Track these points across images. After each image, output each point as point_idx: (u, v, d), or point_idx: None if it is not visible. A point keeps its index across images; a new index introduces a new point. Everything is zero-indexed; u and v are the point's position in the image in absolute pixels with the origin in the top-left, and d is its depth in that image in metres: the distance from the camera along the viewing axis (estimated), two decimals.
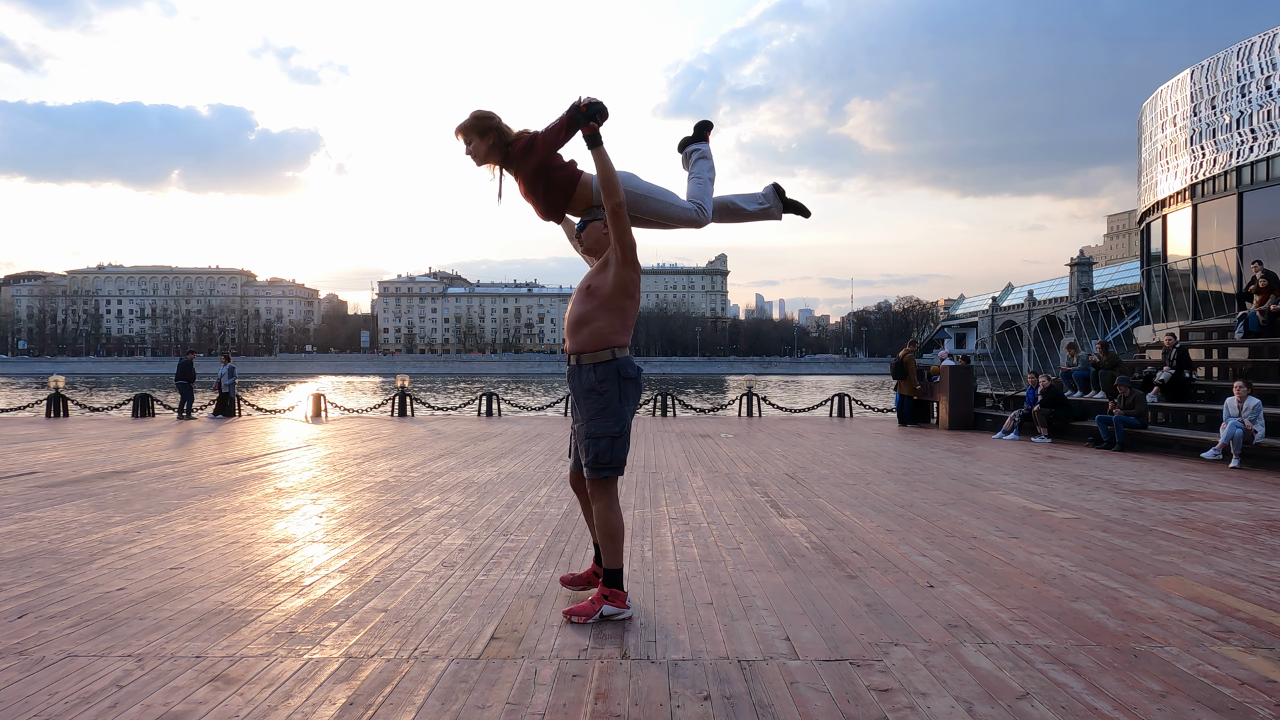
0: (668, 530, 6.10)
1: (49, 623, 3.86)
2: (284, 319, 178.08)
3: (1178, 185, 23.37)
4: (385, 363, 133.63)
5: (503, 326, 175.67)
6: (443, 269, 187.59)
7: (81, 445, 12.37)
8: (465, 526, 6.24)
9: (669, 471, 9.51)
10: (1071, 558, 5.29)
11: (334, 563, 5.08)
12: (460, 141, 3.97)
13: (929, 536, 5.95)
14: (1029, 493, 8.10)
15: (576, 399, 4.00)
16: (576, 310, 3.96)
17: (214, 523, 6.33)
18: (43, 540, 5.66)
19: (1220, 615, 4.08)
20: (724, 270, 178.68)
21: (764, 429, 16.33)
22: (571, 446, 4.20)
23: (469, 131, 3.94)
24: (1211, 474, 9.72)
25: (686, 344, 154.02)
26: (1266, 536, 6.07)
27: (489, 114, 3.97)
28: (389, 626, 3.84)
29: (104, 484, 8.36)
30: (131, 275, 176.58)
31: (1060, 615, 4.06)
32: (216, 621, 3.89)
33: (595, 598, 3.97)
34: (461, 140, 3.96)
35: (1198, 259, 22.24)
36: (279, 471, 9.47)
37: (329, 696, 3.04)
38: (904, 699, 3.04)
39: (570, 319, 4.00)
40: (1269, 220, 19.68)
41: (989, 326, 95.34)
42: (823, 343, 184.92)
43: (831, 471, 9.63)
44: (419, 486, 8.30)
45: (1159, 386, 13.73)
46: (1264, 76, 20.34)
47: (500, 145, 3.96)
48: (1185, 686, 3.17)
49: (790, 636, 3.71)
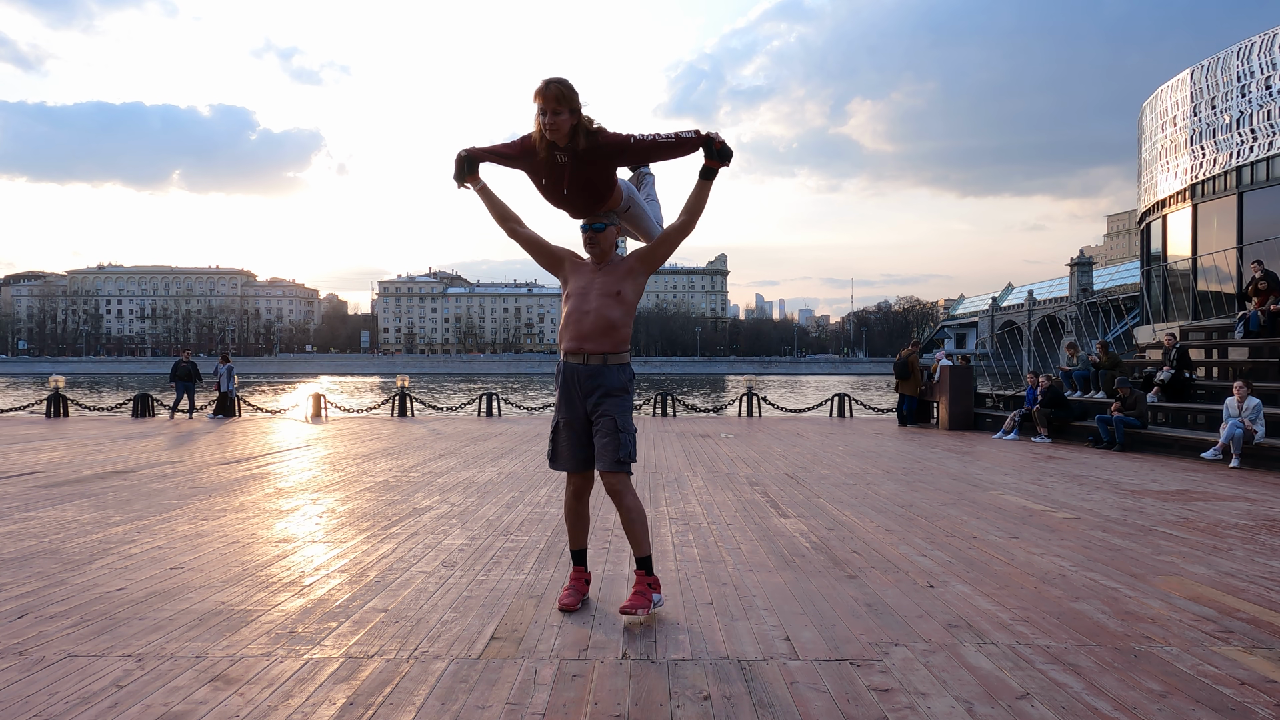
0: (668, 530, 6.10)
1: (49, 623, 3.86)
2: (284, 319, 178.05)
3: (1178, 185, 23.36)
4: (385, 363, 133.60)
5: (503, 326, 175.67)
6: (443, 269, 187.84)
7: (81, 445, 12.37)
8: (465, 526, 6.24)
9: (669, 471, 9.51)
10: (1071, 558, 5.29)
11: (334, 563, 5.08)
12: (542, 106, 3.63)
13: (929, 536, 5.95)
14: (1029, 493, 8.10)
15: (596, 398, 3.93)
16: (606, 314, 3.92)
17: (214, 523, 6.33)
18: (43, 540, 5.66)
19: (1220, 615, 4.08)
20: (724, 270, 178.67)
21: (764, 429, 16.33)
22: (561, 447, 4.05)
23: (562, 101, 3.63)
24: (1211, 474, 9.72)
25: (686, 344, 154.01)
26: (1266, 536, 6.07)
27: (577, 91, 3.68)
28: (389, 626, 3.84)
29: (104, 484, 8.36)
30: (131, 275, 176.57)
31: (1060, 615, 4.06)
32: (216, 621, 3.89)
33: (641, 587, 3.98)
34: (547, 105, 3.63)
35: (1198, 259, 22.24)
36: (279, 471, 9.47)
37: (329, 696, 3.04)
38: (904, 699, 3.04)
39: (599, 322, 3.91)
40: (1269, 220, 19.68)
41: (989, 326, 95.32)
42: (823, 343, 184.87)
43: (831, 471, 9.63)
44: (419, 486, 8.30)
45: (1159, 386, 13.73)
46: (1264, 76, 20.34)
47: (579, 128, 3.71)
48: (1185, 686, 3.17)
49: (790, 636, 3.71)
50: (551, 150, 3.78)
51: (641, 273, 4.03)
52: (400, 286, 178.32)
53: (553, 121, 3.65)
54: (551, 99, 3.63)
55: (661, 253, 4.05)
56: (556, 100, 3.63)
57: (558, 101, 3.63)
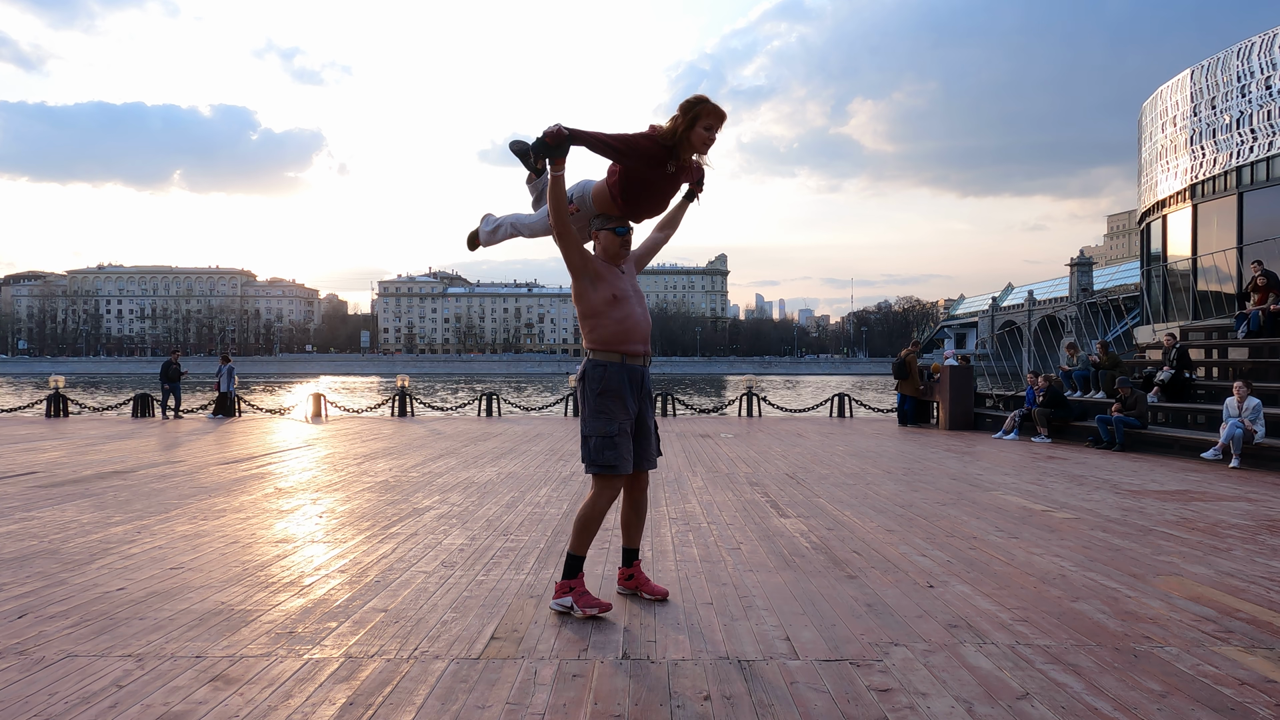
0: (668, 530, 6.10)
1: (49, 623, 3.86)
2: (284, 319, 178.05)
3: (1178, 185, 23.37)
4: (385, 363, 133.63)
5: (503, 326, 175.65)
6: (443, 269, 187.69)
7: (81, 445, 12.37)
8: (465, 526, 6.24)
9: (669, 471, 9.51)
10: (1071, 558, 5.29)
11: (334, 563, 5.08)
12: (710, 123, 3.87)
13: (929, 536, 5.95)
14: (1029, 493, 8.10)
15: (644, 399, 4.08)
16: (646, 315, 4.09)
17: (214, 523, 6.33)
18: (43, 540, 5.66)
19: (1220, 615, 4.08)
20: (724, 270, 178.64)
21: (764, 429, 16.32)
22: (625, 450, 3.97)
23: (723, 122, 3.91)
24: (1211, 474, 9.72)
25: (686, 344, 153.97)
26: (1266, 536, 6.07)
27: None
28: (389, 626, 3.84)
29: (104, 484, 8.36)
30: (131, 275, 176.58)
31: (1060, 615, 4.06)
32: (216, 621, 3.89)
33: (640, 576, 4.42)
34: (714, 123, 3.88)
35: (1198, 259, 22.25)
36: (279, 471, 9.47)
37: (329, 696, 3.04)
38: (904, 699, 3.04)
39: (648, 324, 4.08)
40: (1269, 220, 19.70)
41: (989, 326, 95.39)
42: (823, 343, 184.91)
43: (831, 471, 9.63)
44: (419, 486, 8.30)
45: (1159, 386, 13.73)
46: (1264, 76, 20.34)
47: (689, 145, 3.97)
48: (1185, 686, 3.17)
49: (790, 636, 3.71)
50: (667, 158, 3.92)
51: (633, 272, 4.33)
52: (400, 286, 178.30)
53: (711, 138, 3.90)
54: (722, 119, 3.89)
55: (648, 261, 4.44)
56: (721, 120, 3.89)
57: (721, 121, 3.90)
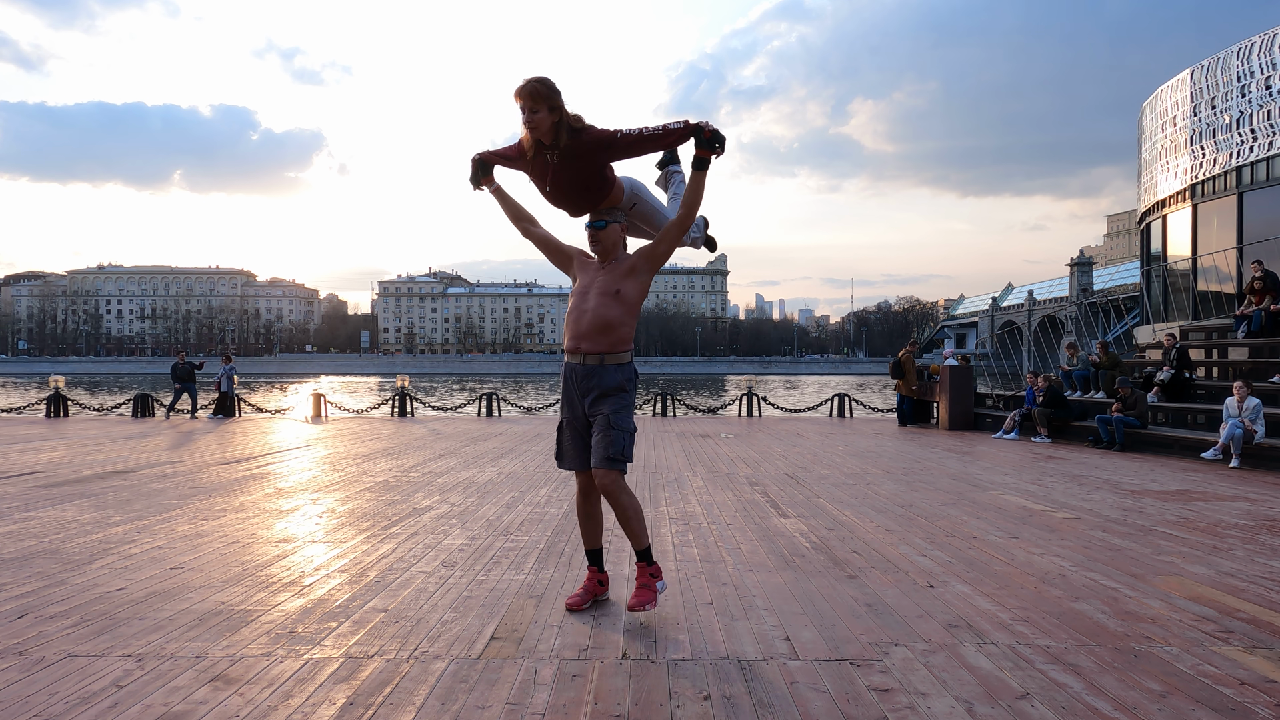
0: (667, 530, 6.10)
1: (49, 623, 3.86)
2: (284, 319, 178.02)
3: (1178, 185, 23.36)
4: (385, 363, 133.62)
5: (503, 326, 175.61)
6: (443, 269, 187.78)
7: (81, 445, 12.37)
8: (465, 526, 6.24)
9: (669, 471, 9.51)
10: (1071, 558, 5.29)
11: (334, 563, 5.08)
12: (521, 105, 3.68)
13: (929, 536, 5.95)
14: (1029, 493, 8.10)
15: (593, 398, 3.91)
16: (603, 313, 3.88)
17: (214, 523, 6.33)
18: (43, 540, 5.66)
19: (1220, 615, 4.08)
20: (724, 270, 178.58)
21: (764, 429, 16.32)
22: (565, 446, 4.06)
23: (538, 99, 3.66)
24: (1211, 474, 9.72)
25: (687, 344, 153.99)
26: (1266, 536, 6.07)
27: (557, 87, 3.70)
28: (389, 626, 3.83)
29: (104, 484, 8.36)
30: (131, 275, 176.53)
31: (1060, 615, 4.06)
32: (216, 621, 3.89)
33: (645, 580, 3.96)
34: (524, 104, 3.67)
35: (1198, 259, 22.24)
36: (279, 471, 9.47)
37: (329, 696, 3.04)
38: (904, 699, 3.04)
39: (595, 321, 3.88)
40: (1269, 220, 19.69)
41: (989, 326, 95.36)
42: (823, 343, 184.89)
43: (831, 471, 9.63)
44: (419, 486, 8.30)
45: (1159, 386, 13.73)
46: (1264, 76, 20.33)
47: (562, 125, 3.72)
48: (1185, 686, 3.17)
49: (790, 636, 3.71)
50: (539, 149, 3.81)
51: (644, 270, 3.98)
52: (400, 286, 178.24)
53: (531, 120, 3.69)
54: (528, 96, 3.67)
55: (662, 249, 4.00)
56: (533, 98, 3.67)
57: (534, 99, 3.67)
